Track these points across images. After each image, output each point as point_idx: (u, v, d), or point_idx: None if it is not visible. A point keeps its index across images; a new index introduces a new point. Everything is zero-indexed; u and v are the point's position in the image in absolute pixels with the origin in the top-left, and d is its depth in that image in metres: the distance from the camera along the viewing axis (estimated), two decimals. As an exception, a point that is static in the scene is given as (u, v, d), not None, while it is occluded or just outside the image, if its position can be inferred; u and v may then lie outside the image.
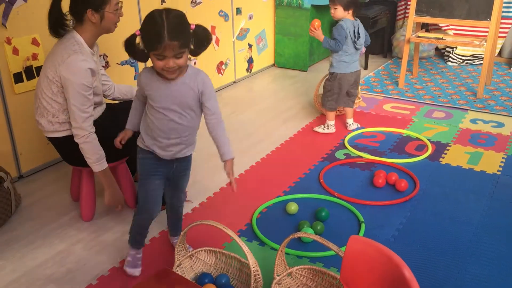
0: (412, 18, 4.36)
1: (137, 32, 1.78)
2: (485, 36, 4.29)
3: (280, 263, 1.92)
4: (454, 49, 5.19)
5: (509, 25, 5.00)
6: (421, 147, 3.32)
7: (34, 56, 2.84)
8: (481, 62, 5.06)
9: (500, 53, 5.23)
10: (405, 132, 3.55)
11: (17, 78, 2.80)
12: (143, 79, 1.90)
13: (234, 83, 4.75)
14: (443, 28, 5.14)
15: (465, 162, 3.10)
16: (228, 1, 4.41)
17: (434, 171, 3.01)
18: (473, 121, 3.75)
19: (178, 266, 2.01)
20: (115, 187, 2.36)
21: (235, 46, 4.64)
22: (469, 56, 5.16)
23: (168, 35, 1.69)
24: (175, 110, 1.88)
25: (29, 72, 2.84)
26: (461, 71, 4.99)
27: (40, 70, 2.36)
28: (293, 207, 2.56)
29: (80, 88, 2.19)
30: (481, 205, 2.64)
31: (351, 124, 3.60)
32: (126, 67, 3.54)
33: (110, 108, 2.57)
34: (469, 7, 4.12)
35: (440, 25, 5.11)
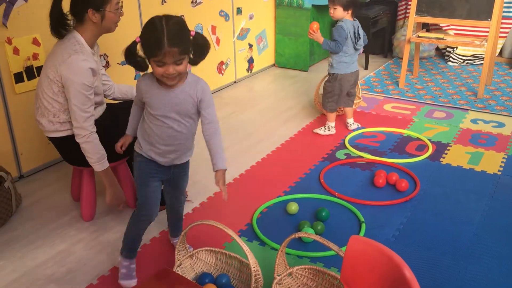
0: (413, 18, 4.36)
1: (137, 39, 1.77)
2: (486, 36, 4.29)
3: (280, 263, 1.92)
4: (455, 49, 5.19)
5: (510, 25, 5.00)
6: (422, 147, 3.32)
7: (35, 56, 2.85)
8: (481, 62, 5.05)
9: (500, 53, 5.22)
10: (405, 132, 3.55)
11: (18, 78, 2.80)
12: (142, 85, 1.88)
13: (234, 83, 4.75)
14: (444, 28, 5.14)
15: (465, 162, 3.10)
16: (228, 1, 4.41)
17: (434, 171, 3.01)
18: (473, 121, 3.75)
19: (178, 266, 2.01)
20: (117, 187, 2.36)
21: (235, 46, 4.63)
22: (470, 56, 5.16)
23: (168, 42, 1.68)
24: (174, 118, 1.86)
25: (30, 72, 2.84)
26: (461, 71, 4.98)
27: (40, 70, 2.36)
28: (293, 207, 2.56)
29: (81, 87, 2.20)
30: (482, 205, 2.64)
31: (352, 124, 3.60)
32: (127, 67, 3.53)
33: (110, 108, 2.57)
34: (469, 7, 4.12)
35: (441, 25, 5.11)
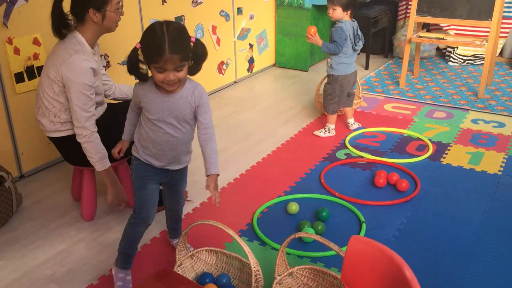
0: (413, 18, 4.36)
1: (138, 45, 1.76)
2: (486, 36, 4.29)
3: (281, 263, 1.92)
4: (455, 49, 5.19)
5: (510, 25, 5.00)
6: (422, 147, 3.32)
7: (35, 56, 2.85)
8: (482, 62, 5.05)
9: (501, 53, 5.22)
10: (406, 132, 3.55)
11: (18, 78, 2.80)
12: (140, 90, 1.87)
13: (235, 83, 4.75)
14: (444, 28, 5.13)
15: (466, 162, 3.10)
16: (229, 1, 4.41)
17: (435, 171, 3.01)
18: (474, 121, 3.75)
19: (179, 266, 2.02)
20: (118, 186, 2.36)
21: (236, 46, 4.63)
22: (470, 56, 5.16)
23: (169, 48, 1.67)
24: (171, 123, 1.86)
25: (30, 72, 2.84)
26: (462, 71, 4.98)
27: (41, 70, 2.37)
28: (294, 207, 2.56)
29: (82, 87, 2.20)
30: (482, 205, 2.64)
31: (353, 124, 3.60)
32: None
33: (110, 108, 2.57)
34: (470, 7, 4.12)
35: (441, 25, 5.10)
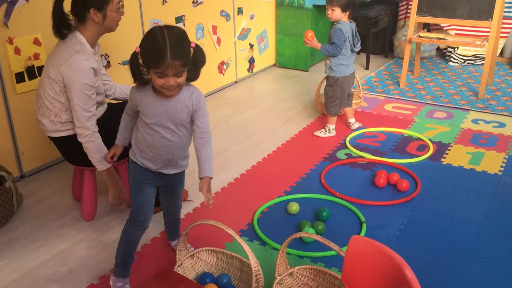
0: (414, 18, 4.36)
1: (138, 49, 1.74)
2: (487, 36, 4.29)
3: (281, 263, 1.92)
4: (456, 49, 5.19)
5: (511, 25, 5.00)
6: (423, 147, 3.31)
7: (36, 56, 2.85)
8: (482, 62, 5.05)
9: (501, 53, 5.22)
10: (406, 132, 3.55)
11: (19, 78, 2.80)
12: (137, 94, 1.86)
13: (235, 83, 4.75)
14: (445, 28, 5.13)
15: (466, 162, 3.10)
16: (229, 1, 4.41)
17: (435, 171, 3.01)
18: (474, 121, 3.75)
19: (179, 266, 2.02)
20: (119, 186, 2.35)
21: (236, 46, 4.63)
22: (471, 56, 5.16)
23: (171, 54, 1.65)
24: (168, 127, 1.85)
25: (31, 72, 2.84)
26: (462, 71, 4.98)
27: (41, 70, 2.37)
28: (294, 207, 2.56)
29: (83, 87, 2.20)
30: (483, 205, 2.64)
31: (354, 123, 3.60)
32: (128, 67, 3.53)
33: (111, 108, 2.57)
34: (470, 7, 4.12)
35: (442, 25, 5.10)
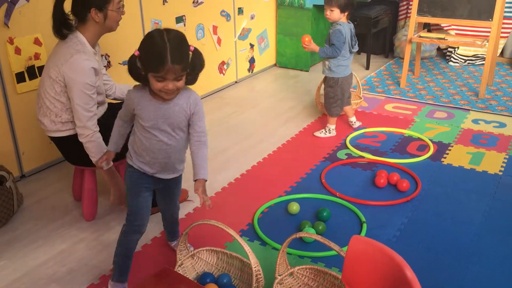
0: (414, 18, 4.36)
1: (136, 52, 1.72)
2: (487, 36, 4.29)
3: (281, 263, 1.92)
4: (456, 49, 5.19)
5: (511, 25, 5.00)
6: (423, 147, 3.31)
7: (36, 56, 2.85)
8: (483, 62, 5.05)
9: (502, 53, 5.22)
10: (406, 132, 3.55)
11: (19, 77, 2.80)
12: (134, 97, 1.84)
13: (235, 83, 4.75)
14: (445, 28, 5.13)
15: (467, 162, 3.10)
16: (230, 1, 4.41)
17: (435, 171, 3.01)
18: (475, 121, 3.74)
19: (180, 266, 2.02)
20: (121, 186, 2.35)
21: (236, 46, 4.63)
22: (471, 56, 5.16)
23: (171, 59, 1.64)
24: (165, 131, 1.84)
25: (31, 72, 2.85)
26: (463, 71, 4.98)
27: (42, 70, 2.37)
28: (294, 207, 2.56)
29: (84, 87, 2.20)
30: (483, 205, 2.64)
31: (355, 121, 3.61)
32: (128, 67, 3.54)
33: (111, 107, 2.57)
34: (471, 7, 4.11)
35: (442, 25, 5.10)
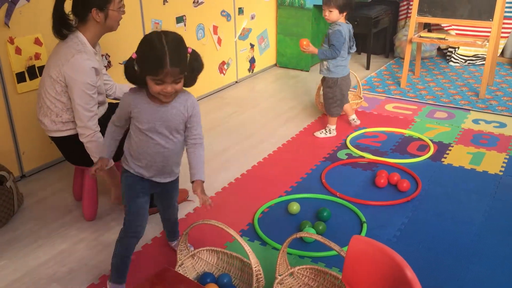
0: (414, 18, 4.36)
1: (134, 55, 1.72)
2: (488, 36, 4.29)
3: (282, 263, 1.92)
4: (456, 49, 5.19)
5: (511, 25, 5.01)
6: (423, 147, 3.31)
7: (37, 56, 2.85)
8: (483, 62, 5.05)
9: (502, 53, 5.22)
10: (407, 132, 3.55)
11: (20, 77, 2.80)
12: (131, 100, 1.81)
13: (236, 83, 4.75)
14: (445, 28, 5.13)
15: (467, 163, 3.10)
16: (230, 1, 4.41)
17: (436, 171, 3.01)
18: (475, 121, 3.74)
19: (180, 266, 2.02)
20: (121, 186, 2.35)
21: (237, 46, 4.63)
22: (472, 56, 5.16)
23: (170, 62, 1.64)
24: (162, 133, 1.84)
25: (32, 72, 2.85)
26: (463, 71, 4.98)
27: (42, 69, 2.37)
28: (295, 207, 2.56)
29: (84, 87, 2.20)
30: (483, 205, 2.64)
31: (356, 119, 3.61)
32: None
33: (112, 107, 2.57)
34: (471, 7, 4.11)
35: (442, 25, 5.10)
